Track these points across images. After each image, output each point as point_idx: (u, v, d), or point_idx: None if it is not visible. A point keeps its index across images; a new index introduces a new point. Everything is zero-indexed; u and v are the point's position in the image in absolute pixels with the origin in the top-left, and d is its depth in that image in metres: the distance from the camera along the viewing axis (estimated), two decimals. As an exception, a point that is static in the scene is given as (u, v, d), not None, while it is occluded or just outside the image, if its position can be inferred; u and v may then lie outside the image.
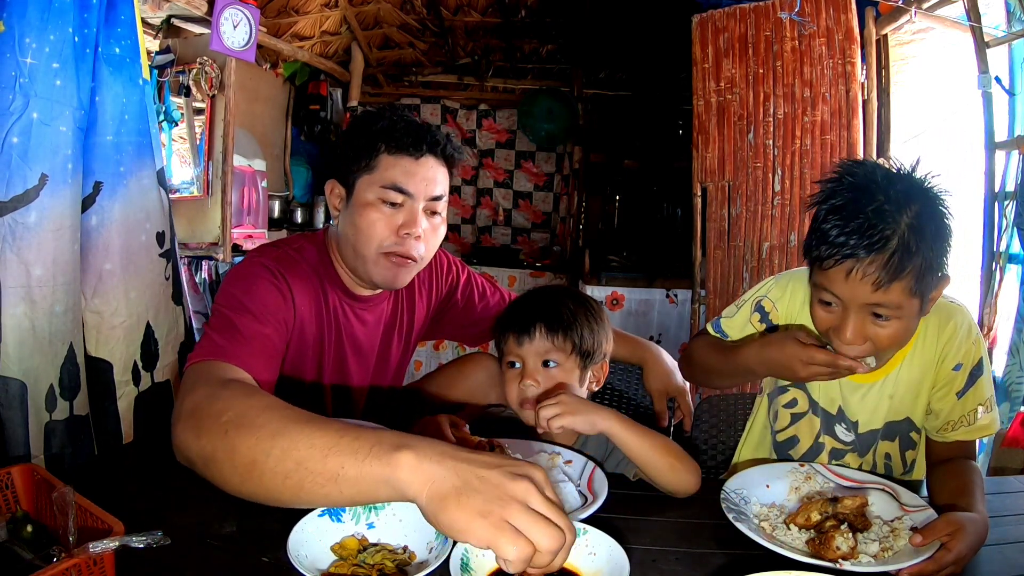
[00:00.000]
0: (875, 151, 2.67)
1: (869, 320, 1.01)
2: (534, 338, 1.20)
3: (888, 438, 1.23)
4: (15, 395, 1.25)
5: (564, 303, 1.24)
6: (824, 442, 1.26)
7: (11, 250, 1.24)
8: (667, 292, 3.99)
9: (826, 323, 1.06)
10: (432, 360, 4.30)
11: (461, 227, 5.42)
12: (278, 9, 3.90)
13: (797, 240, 2.72)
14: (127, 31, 1.42)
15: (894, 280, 0.95)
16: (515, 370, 1.23)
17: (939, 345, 1.16)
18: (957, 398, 1.16)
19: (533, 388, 1.20)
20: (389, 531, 0.90)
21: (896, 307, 0.98)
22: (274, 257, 1.24)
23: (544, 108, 4.87)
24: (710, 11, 2.95)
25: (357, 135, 1.27)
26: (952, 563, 0.87)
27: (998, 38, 2.21)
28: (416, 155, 1.23)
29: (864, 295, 0.98)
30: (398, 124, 1.23)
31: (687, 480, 1.08)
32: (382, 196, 1.21)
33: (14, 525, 0.83)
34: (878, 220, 0.94)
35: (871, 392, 1.20)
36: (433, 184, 1.25)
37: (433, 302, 1.50)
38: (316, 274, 1.29)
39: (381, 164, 1.22)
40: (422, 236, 1.24)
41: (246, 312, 1.11)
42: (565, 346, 1.21)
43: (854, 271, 0.96)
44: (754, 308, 1.27)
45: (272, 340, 1.12)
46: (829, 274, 1.00)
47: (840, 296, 1.01)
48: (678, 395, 1.49)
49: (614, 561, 0.82)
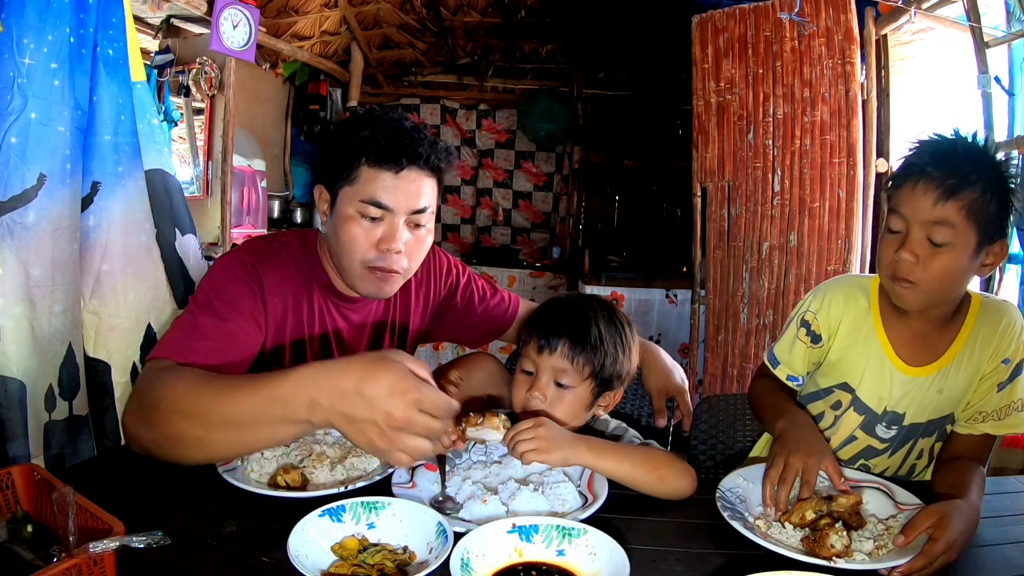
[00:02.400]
0: (875, 151, 2.67)
1: (926, 244, 1.06)
2: (554, 353, 1.16)
3: (928, 434, 1.25)
4: (15, 395, 1.25)
5: (596, 323, 1.19)
6: (856, 436, 1.27)
7: (10, 250, 1.24)
8: (667, 292, 3.99)
9: (890, 248, 1.11)
10: (432, 360, 4.30)
11: (461, 227, 5.42)
12: (278, 9, 3.90)
13: (796, 240, 2.73)
14: (118, 33, 1.43)
15: (952, 196, 1.03)
16: (527, 377, 1.20)
17: (993, 340, 1.18)
18: (997, 390, 1.17)
19: (538, 402, 1.17)
20: (389, 531, 0.90)
21: (951, 228, 1.04)
22: (253, 251, 1.25)
23: (544, 108, 4.87)
24: (710, 11, 2.95)
25: (338, 143, 1.22)
26: (943, 552, 0.87)
27: (998, 38, 2.21)
28: (397, 169, 1.18)
29: (925, 209, 1.05)
30: (379, 134, 1.18)
31: (679, 486, 1.07)
32: (361, 210, 1.18)
33: (14, 525, 0.83)
34: (955, 156, 1.06)
35: (922, 386, 1.20)
36: (415, 197, 1.21)
37: (431, 304, 1.50)
38: (299, 269, 1.28)
39: (361, 177, 1.19)
40: (403, 250, 1.21)
41: (210, 310, 1.14)
42: (583, 370, 1.17)
43: (919, 184, 1.06)
44: (799, 325, 1.30)
45: (235, 337, 1.14)
46: (900, 192, 1.09)
47: (904, 213, 1.08)
48: (677, 394, 1.49)
49: (614, 561, 0.82)
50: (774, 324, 2.78)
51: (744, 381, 2.81)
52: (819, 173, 2.67)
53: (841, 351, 1.26)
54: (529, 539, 0.87)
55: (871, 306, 1.23)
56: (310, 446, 1.13)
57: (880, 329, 1.22)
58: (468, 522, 0.93)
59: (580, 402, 1.19)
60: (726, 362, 2.94)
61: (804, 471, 1.00)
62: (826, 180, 2.66)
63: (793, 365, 1.31)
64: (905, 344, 1.20)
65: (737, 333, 2.90)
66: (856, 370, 1.25)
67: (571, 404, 1.18)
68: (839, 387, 1.28)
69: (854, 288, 1.26)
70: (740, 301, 2.90)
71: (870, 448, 1.27)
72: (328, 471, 1.06)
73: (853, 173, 2.60)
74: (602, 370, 1.18)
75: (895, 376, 1.21)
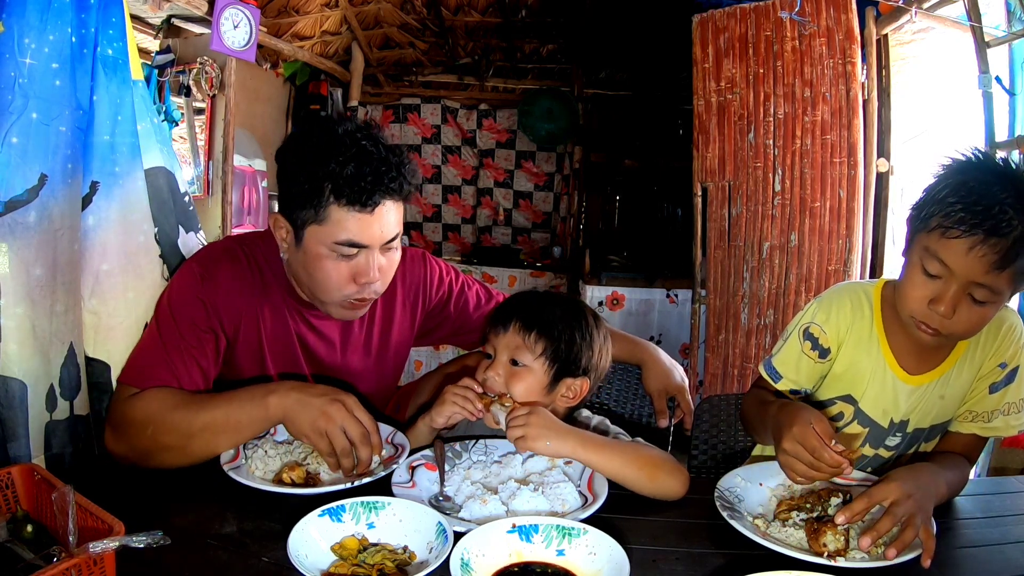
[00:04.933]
0: (876, 151, 2.67)
1: (967, 299, 1.03)
2: (507, 331, 1.21)
3: (931, 438, 1.25)
4: (15, 395, 1.25)
5: (551, 307, 1.23)
6: (865, 452, 1.26)
7: (11, 250, 1.24)
8: (667, 292, 3.99)
9: (922, 290, 1.06)
10: (432, 360, 4.29)
11: (461, 227, 5.42)
12: (278, 9, 3.90)
13: (797, 240, 2.72)
14: (118, 33, 1.42)
15: (1007, 266, 0.98)
16: (486, 361, 1.24)
17: (994, 343, 1.17)
18: (989, 392, 1.17)
19: (495, 379, 1.19)
20: (389, 531, 0.90)
21: (997, 293, 1.02)
22: (206, 258, 1.27)
23: (544, 108, 4.87)
24: (710, 11, 2.95)
25: (301, 175, 1.13)
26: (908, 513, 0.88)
27: (998, 38, 2.20)
28: (371, 209, 1.12)
29: (978, 273, 0.99)
30: (347, 169, 1.09)
31: (670, 486, 1.07)
32: (336, 250, 1.14)
33: (14, 525, 0.83)
34: (1008, 208, 0.97)
35: (925, 394, 1.19)
36: (389, 229, 1.16)
37: (419, 315, 1.47)
38: (259, 274, 1.26)
39: (331, 217, 1.11)
40: (379, 278, 1.19)
41: (170, 327, 1.20)
42: (535, 347, 1.19)
43: (977, 247, 0.98)
44: (803, 337, 1.24)
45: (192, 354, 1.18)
46: (950, 244, 1.00)
47: (953, 269, 1.01)
48: (678, 394, 1.49)
49: (614, 561, 0.82)
50: (774, 324, 2.77)
51: (745, 381, 2.81)
52: (820, 173, 2.67)
53: (846, 363, 1.22)
54: (529, 539, 0.87)
55: (874, 315, 1.20)
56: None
57: (883, 339, 1.20)
58: (468, 522, 0.93)
59: (536, 382, 1.20)
60: (727, 362, 2.94)
61: (801, 439, 0.97)
62: (827, 180, 2.65)
63: (799, 380, 1.26)
64: (907, 353, 1.19)
65: (738, 333, 2.90)
66: (860, 381, 1.22)
67: (527, 383, 1.20)
68: (841, 399, 1.25)
69: (859, 296, 1.22)
70: (741, 301, 2.90)
71: (877, 457, 1.26)
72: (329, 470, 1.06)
73: (854, 173, 2.60)
74: (556, 348, 1.20)
75: (898, 386, 1.19)
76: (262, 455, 1.08)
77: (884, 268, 2.81)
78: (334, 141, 1.12)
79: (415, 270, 1.46)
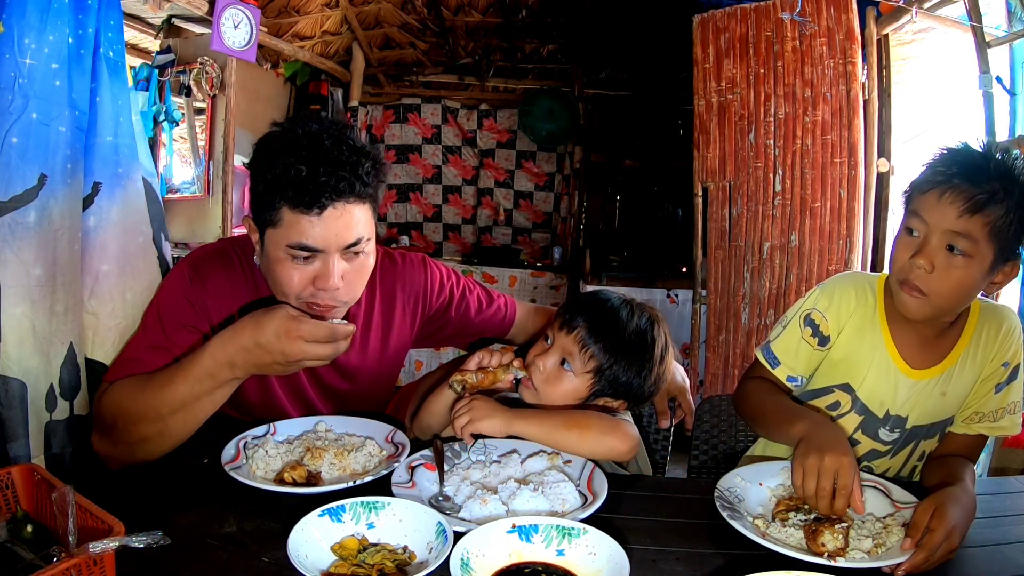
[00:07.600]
0: (876, 151, 2.67)
1: (944, 252, 1.05)
2: (571, 333, 1.19)
3: (930, 436, 1.25)
4: (15, 395, 1.25)
5: (622, 326, 1.19)
6: (859, 440, 1.25)
7: (11, 250, 1.24)
8: (668, 292, 3.99)
9: (905, 250, 1.09)
10: (433, 360, 4.29)
11: (462, 227, 5.42)
12: (279, 9, 3.90)
13: (798, 240, 2.72)
14: (117, 36, 1.43)
15: (978, 211, 1.01)
16: (544, 343, 1.23)
17: (995, 343, 1.18)
18: (995, 391, 1.18)
19: (540, 368, 1.19)
20: (389, 531, 0.90)
21: (972, 242, 1.03)
22: (196, 259, 1.27)
23: (545, 108, 4.87)
24: (711, 11, 2.95)
25: (258, 177, 1.13)
26: (941, 541, 0.87)
27: (999, 38, 2.20)
28: (318, 211, 1.08)
29: (949, 219, 1.03)
30: (293, 172, 1.06)
31: (606, 443, 1.11)
32: (290, 253, 1.12)
33: (14, 525, 0.83)
34: (986, 171, 1.03)
35: (925, 389, 1.20)
36: (346, 232, 1.12)
37: (418, 320, 1.46)
38: (252, 275, 1.27)
39: (283, 221, 1.10)
40: (341, 285, 1.15)
41: (156, 328, 1.20)
42: (587, 363, 1.18)
43: (946, 194, 1.03)
44: (804, 323, 1.24)
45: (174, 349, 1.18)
46: (925, 197, 1.07)
47: (928, 220, 1.06)
48: (679, 394, 1.49)
49: (614, 561, 0.82)
50: (775, 324, 2.77)
51: (745, 381, 2.80)
52: (820, 173, 2.67)
53: (845, 350, 1.22)
54: (529, 539, 0.87)
55: (877, 305, 1.21)
56: (312, 442, 1.14)
57: (885, 330, 1.20)
58: (468, 522, 0.93)
59: (573, 392, 1.20)
60: (727, 362, 2.94)
61: (840, 474, 0.93)
62: (827, 180, 2.65)
63: (796, 367, 1.25)
64: (910, 346, 1.19)
65: (738, 333, 2.90)
66: (859, 370, 1.22)
67: (563, 390, 1.20)
68: (839, 387, 1.25)
69: (863, 284, 1.23)
70: (741, 301, 2.90)
71: (873, 451, 1.26)
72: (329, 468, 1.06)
73: (854, 173, 2.60)
74: (605, 375, 1.19)
75: (900, 379, 1.20)
76: (263, 455, 1.09)
77: (884, 268, 2.81)
78: (288, 142, 1.11)
79: (415, 276, 1.45)
